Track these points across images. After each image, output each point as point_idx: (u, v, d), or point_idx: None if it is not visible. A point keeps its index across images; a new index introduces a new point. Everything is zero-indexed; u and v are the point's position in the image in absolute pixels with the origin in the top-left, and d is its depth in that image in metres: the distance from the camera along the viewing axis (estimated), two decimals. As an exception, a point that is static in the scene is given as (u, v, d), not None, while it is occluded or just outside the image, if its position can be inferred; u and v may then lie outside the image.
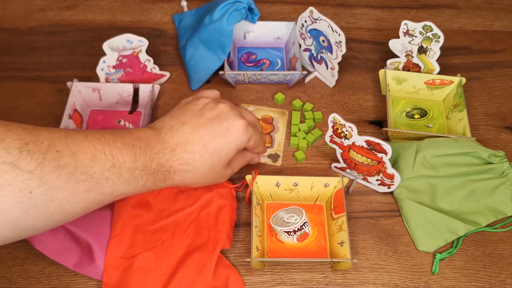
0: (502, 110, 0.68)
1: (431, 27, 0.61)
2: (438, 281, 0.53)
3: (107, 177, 0.41)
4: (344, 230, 0.51)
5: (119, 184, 0.42)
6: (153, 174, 0.44)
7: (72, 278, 0.51)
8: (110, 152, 0.42)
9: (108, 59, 0.63)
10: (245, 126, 0.48)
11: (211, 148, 0.46)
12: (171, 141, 0.46)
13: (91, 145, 0.41)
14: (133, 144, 0.43)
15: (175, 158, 0.45)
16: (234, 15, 0.63)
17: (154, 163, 0.44)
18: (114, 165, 0.41)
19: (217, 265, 0.50)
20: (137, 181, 0.44)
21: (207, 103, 0.49)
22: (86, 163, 0.40)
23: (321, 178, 0.54)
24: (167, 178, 0.46)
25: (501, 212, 0.56)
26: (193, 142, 0.46)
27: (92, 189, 0.40)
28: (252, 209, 0.52)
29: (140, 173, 0.43)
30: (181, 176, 0.46)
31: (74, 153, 0.39)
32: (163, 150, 0.45)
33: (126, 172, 0.42)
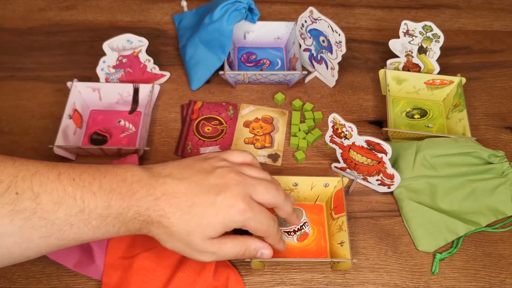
0: (502, 110, 0.68)
1: (431, 27, 0.61)
2: (438, 281, 0.53)
3: (72, 223, 0.37)
4: (344, 230, 0.51)
5: (85, 231, 0.38)
6: (128, 223, 0.40)
7: (72, 278, 0.51)
8: (81, 196, 0.37)
9: (108, 59, 0.63)
10: (242, 208, 0.41)
11: (195, 211, 0.41)
12: (159, 189, 0.40)
13: (61, 187, 0.37)
14: (111, 188, 0.39)
15: (156, 208, 0.40)
16: (234, 15, 0.63)
17: (132, 211, 0.39)
18: (82, 210, 0.37)
19: (217, 265, 0.50)
20: (108, 229, 0.39)
21: (220, 166, 0.44)
22: (49, 208, 0.36)
23: (321, 178, 0.54)
24: (143, 228, 0.41)
25: (501, 212, 0.56)
26: (181, 198, 0.41)
27: (51, 236, 0.37)
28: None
29: (112, 221, 0.39)
30: (157, 228, 0.41)
31: (36, 195, 0.36)
32: (146, 197, 0.40)
33: (95, 219, 0.38)
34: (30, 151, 0.61)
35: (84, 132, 0.62)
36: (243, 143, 0.63)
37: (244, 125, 0.64)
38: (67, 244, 0.38)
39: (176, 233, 0.41)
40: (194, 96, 0.67)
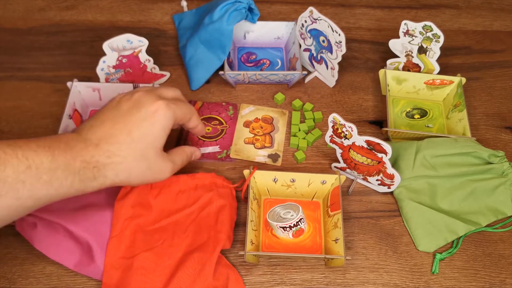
0: (502, 110, 0.68)
1: (431, 27, 0.61)
2: (438, 281, 0.53)
3: (23, 180, 0.38)
4: (339, 227, 0.51)
5: (39, 187, 0.39)
6: (79, 172, 0.41)
7: (72, 278, 0.51)
8: (23, 154, 0.38)
9: (108, 59, 0.63)
10: (164, 104, 0.46)
11: (136, 135, 0.44)
12: (94, 138, 0.43)
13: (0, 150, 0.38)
14: (49, 145, 0.40)
15: (101, 152, 0.43)
16: (234, 15, 0.63)
17: (78, 161, 0.41)
18: (29, 167, 0.38)
19: (217, 265, 0.51)
20: (61, 182, 0.40)
21: (122, 96, 0.48)
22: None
23: (318, 175, 0.55)
24: (98, 176, 0.43)
25: (501, 212, 0.56)
26: (116, 134, 0.44)
27: (6, 195, 0.37)
28: (249, 203, 0.52)
29: (63, 173, 0.40)
30: (113, 169, 0.43)
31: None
32: (86, 148, 0.42)
33: (45, 174, 0.39)
34: (30, 151, 0.61)
35: (84, 132, 0.62)
36: (243, 143, 0.63)
37: (244, 125, 0.64)
38: (24, 204, 0.39)
39: (133, 163, 0.44)
40: (194, 96, 0.68)
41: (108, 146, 0.43)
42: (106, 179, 0.43)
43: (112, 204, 0.53)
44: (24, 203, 0.39)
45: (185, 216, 0.54)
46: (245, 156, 0.61)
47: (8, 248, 0.53)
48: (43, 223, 0.51)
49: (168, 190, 0.54)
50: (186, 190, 0.55)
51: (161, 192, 0.54)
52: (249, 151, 0.62)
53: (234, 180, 0.59)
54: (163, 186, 0.54)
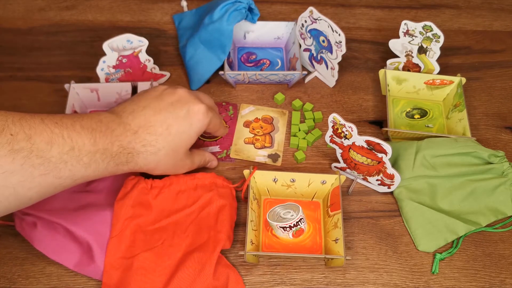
0: (502, 110, 0.68)
1: (431, 27, 0.61)
2: (438, 281, 0.53)
3: (66, 160, 0.40)
4: (339, 227, 0.51)
5: (78, 168, 0.41)
6: (115, 157, 0.43)
7: (72, 278, 0.51)
8: (69, 135, 0.40)
9: (108, 59, 0.63)
10: (205, 109, 0.48)
11: (174, 130, 0.46)
12: (133, 124, 0.45)
13: (48, 128, 0.40)
14: (92, 127, 0.42)
15: (138, 140, 0.45)
16: (234, 15, 0.63)
17: (116, 145, 0.43)
18: (73, 148, 0.40)
19: (217, 265, 0.50)
20: (98, 165, 0.42)
21: (165, 88, 0.49)
22: (42, 147, 0.39)
23: (318, 175, 0.55)
24: (130, 161, 0.45)
25: (501, 212, 0.56)
26: (156, 124, 0.46)
27: (50, 173, 0.39)
28: (248, 203, 0.52)
29: (101, 157, 0.42)
30: (145, 158, 0.46)
31: (29, 136, 0.38)
32: (125, 133, 0.44)
33: (86, 156, 0.41)
34: (30, 151, 0.61)
35: (84, 132, 0.62)
36: (243, 143, 0.63)
37: (244, 125, 0.64)
38: (63, 183, 0.41)
39: (163, 156, 0.46)
40: (194, 96, 0.67)
41: (145, 135, 0.45)
42: (136, 165, 0.46)
43: (112, 204, 0.52)
44: (64, 182, 0.41)
45: (185, 216, 0.54)
46: (245, 156, 0.61)
47: (8, 248, 0.53)
48: (43, 223, 0.51)
49: (168, 190, 0.54)
50: (186, 190, 0.55)
51: (161, 192, 0.54)
52: (249, 151, 0.62)
53: (234, 180, 0.59)
54: (163, 186, 0.54)
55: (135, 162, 0.45)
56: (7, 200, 0.38)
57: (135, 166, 0.46)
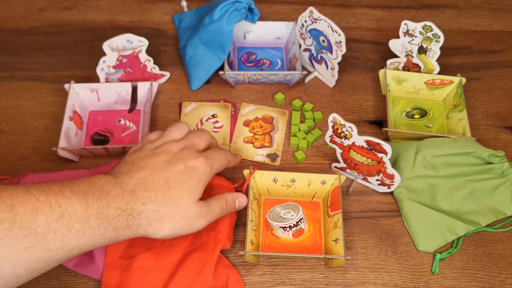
0: (502, 110, 0.68)
1: (431, 27, 0.61)
2: (438, 281, 0.53)
3: (55, 230, 0.36)
4: (339, 227, 0.51)
5: (71, 237, 0.37)
6: (113, 220, 0.40)
7: (72, 278, 0.51)
8: (57, 201, 0.37)
9: (108, 59, 0.63)
10: (203, 161, 0.46)
11: (172, 183, 0.43)
12: (130, 183, 0.42)
13: (32, 197, 0.36)
14: (84, 191, 0.39)
15: (136, 198, 0.41)
16: (234, 15, 0.63)
17: (112, 208, 0.40)
18: (62, 215, 0.37)
19: (217, 265, 0.50)
20: (94, 231, 0.39)
21: (157, 146, 0.47)
22: (26, 217, 0.35)
23: (318, 175, 0.55)
24: (132, 224, 0.41)
25: (501, 212, 0.56)
26: (153, 181, 0.43)
27: (37, 246, 0.36)
28: (248, 203, 0.52)
29: (95, 222, 0.39)
30: (147, 217, 0.42)
31: (11, 207, 0.35)
32: (121, 193, 0.41)
33: (78, 222, 0.38)
34: (30, 151, 0.61)
35: (84, 133, 0.62)
36: (242, 142, 0.63)
37: (244, 124, 0.64)
38: (55, 255, 0.37)
39: (167, 212, 0.42)
40: (194, 96, 0.68)
41: (143, 193, 0.42)
42: (139, 228, 0.42)
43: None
44: (55, 254, 0.37)
45: (185, 216, 0.53)
46: (244, 155, 0.61)
47: (8, 248, 0.53)
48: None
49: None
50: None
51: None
52: (248, 150, 0.62)
53: (234, 180, 0.59)
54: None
55: (138, 224, 0.41)
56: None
57: (139, 230, 0.42)
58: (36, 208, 0.36)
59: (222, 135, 0.63)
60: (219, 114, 0.65)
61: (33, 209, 0.36)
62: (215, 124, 0.64)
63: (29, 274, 0.37)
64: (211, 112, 0.65)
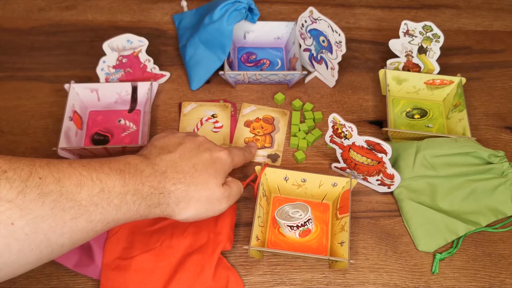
0: (502, 110, 0.68)
1: (431, 27, 0.61)
2: (438, 281, 0.53)
3: (96, 203, 0.39)
4: (346, 230, 0.51)
5: (109, 210, 0.40)
6: (146, 198, 0.42)
7: (72, 278, 0.51)
8: (98, 177, 0.39)
9: (108, 59, 0.63)
10: (227, 152, 0.50)
11: (200, 167, 0.47)
12: (161, 164, 0.45)
13: (76, 171, 0.39)
14: (121, 169, 0.42)
15: (167, 179, 0.44)
16: (234, 15, 0.63)
17: (146, 186, 0.42)
18: (103, 190, 0.39)
19: (217, 267, 0.50)
20: (129, 207, 0.41)
21: (185, 135, 0.50)
22: (72, 189, 0.37)
23: (330, 177, 0.55)
24: (162, 202, 0.44)
25: (501, 212, 0.56)
26: (182, 164, 0.46)
27: (81, 217, 0.38)
28: (257, 199, 0.52)
29: (131, 198, 0.41)
30: (176, 197, 0.44)
31: (58, 179, 0.37)
32: (154, 173, 0.44)
33: (116, 197, 0.40)
34: (30, 151, 0.61)
35: (85, 133, 0.62)
36: (243, 142, 0.63)
37: (245, 124, 0.64)
38: (95, 227, 0.39)
39: (194, 193, 0.45)
40: (194, 96, 0.68)
41: (174, 174, 0.45)
42: (168, 207, 0.44)
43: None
44: (95, 226, 0.39)
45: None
46: (245, 156, 0.61)
47: (8, 248, 0.53)
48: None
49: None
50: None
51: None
52: (249, 151, 0.62)
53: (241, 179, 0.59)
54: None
55: (167, 203, 0.44)
56: (38, 249, 0.36)
57: (167, 208, 0.44)
58: (80, 182, 0.38)
59: (222, 135, 0.63)
60: (219, 114, 0.65)
61: (77, 183, 0.38)
62: (215, 124, 0.64)
63: (72, 244, 0.39)
64: (211, 112, 0.65)
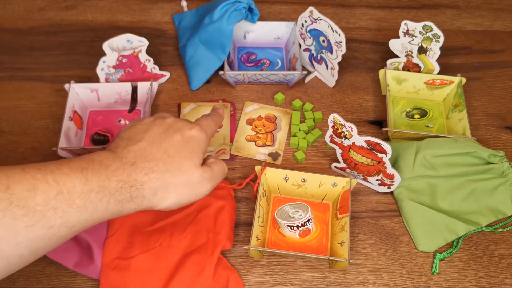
0: (502, 110, 0.68)
1: (431, 27, 0.61)
2: (438, 281, 0.53)
3: (55, 206, 0.36)
4: (346, 230, 0.51)
5: (71, 213, 0.36)
6: (115, 194, 0.39)
7: (72, 278, 0.51)
8: (54, 179, 0.36)
9: (108, 59, 0.63)
10: (198, 129, 0.46)
11: (172, 152, 0.43)
12: (129, 156, 0.42)
13: (29, 176, 0.36)
14: (83, 167, 0.38)
15: (138, 170, 0.41)
16: (234, 15, 0.63)
17: (113, 181, 0.39)
18: (61, 192, 0.36)
19: (217, 267, 0.50)
20: (96, 206, 0.38)
21: (153, 120, 0.47)
22: (24, 195, 0.35)
23: (329, 177, 0.55)
24: (136, 196, 0.40)
25: (501, 212, 0.56)
26: (152, 152, 0.42)
27: (37, 224, 0.35)
28: (257, 199, 0.52)
29: (97, 196, 0.38)
30: (151, 187, 0.41)
31: (7, 186, 0.34)
32: (122, 166, 0.40)
33: (78, 198, 0.37)
34: (30, 151, 0.61)
35: (85, 133, 0.62)
36: (244, 140, 0.63)
37: (247, 122, 0.64)
38: (58, 232, 0.36)
39: (170, 180, 0.42)
40: (194, 96, 0.68)
41: (144, 164, 0.41)
42: (144, 200, 0.41)
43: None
44: (58, 231, 0.36)
45: (183, 217, 0.53)
46: (245, 153, 0.61)
47: (8, 248, 0.53)
48: (43, 223, 0.51)
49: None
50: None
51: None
52: (250, 149, 0.62)
53: (233, 181, 0.59)
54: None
55: (142, 196, 0.41)
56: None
57: (144, 201, 0.41)
58: (34, 187, 0.35)
59: (222, 135, 0.63)
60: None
61: (30, 188, 0.35)
62: None
63: (33, 253, 0.36)
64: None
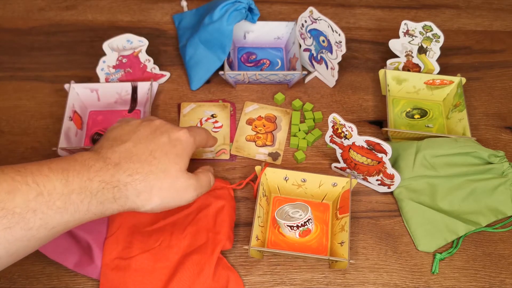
0: (502, 110, 0.68)
1: (431, 27, 0.61)
2: (438, 281, 0.53)
3: (34, 208, 0.35)
4: (346, 230, 0.51)
5: (51, 214, 0.36)
6: (97, 195, 0.38)
7: (72, 278, 0.51)
8: (34, 180, 0.36)
9: (108, 59, 0.63)
10: (185, 131, 0.46)
11: (158, 154, 0.43)
12: (113, 157, 0.41)
13: (8, 177, 0.35)
14: (64, 168, 0.38)
15: (121, 170, 0.40)
16: (234, 15, 0.63)
17: (95, 182, 0.38)
18: (41, 193, 0.36)
19: (217, 267, 0.50)
20: (77, 207, 0.37)
21: (140, 122, 0.46)
22: (2, 198, 0.34)
23: (330, 177, 0.55)
24: (119, 197, 0.40)
25: (501, 212, 0.56)
26: (138, 153, 0.42)
27: (16, 226, 0.34)
28: (257, 199, 0.52)
29: (78, 197, 0.37)
30: (134, 189, 0.41)
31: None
32: (105, 166, 0.40)
33: (59, 199, 0.36)
34: (30, 151, 0.61)
35: (84, 133, 0.62)
36: (244, 140, 0.63)
37: (247, 122, 0.64)
38: (37, 234, 0.36)
39: (154, 182, 0.42)
40: (194, 96, 0.68)
41: (129, 164, 0.41)
42: (127, 201, 0.41)
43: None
44: (37, 233, 0.36)
45: (182, 217, 0.53)
46: (245, 153, 0.61)
47: (8, 248, 0.53)
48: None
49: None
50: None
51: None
52: (250, 149, 0.62)
53: (233, 180, 0.59)
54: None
55: (125, 197, 0.40)
56: None
57: (127, 202, 0.41)
58: (13, 188, 0.35)
59: (222, 135, 0.63)
60: (218, 114, 0.65)
61: (9, 190, 0.35)
62: (215, 124, 0.64)
63: (11, 255, 0.36)
64: (210, 112, 0.65)
